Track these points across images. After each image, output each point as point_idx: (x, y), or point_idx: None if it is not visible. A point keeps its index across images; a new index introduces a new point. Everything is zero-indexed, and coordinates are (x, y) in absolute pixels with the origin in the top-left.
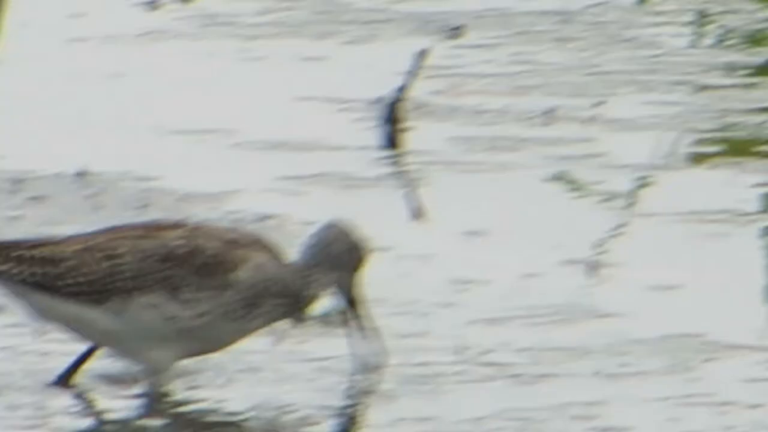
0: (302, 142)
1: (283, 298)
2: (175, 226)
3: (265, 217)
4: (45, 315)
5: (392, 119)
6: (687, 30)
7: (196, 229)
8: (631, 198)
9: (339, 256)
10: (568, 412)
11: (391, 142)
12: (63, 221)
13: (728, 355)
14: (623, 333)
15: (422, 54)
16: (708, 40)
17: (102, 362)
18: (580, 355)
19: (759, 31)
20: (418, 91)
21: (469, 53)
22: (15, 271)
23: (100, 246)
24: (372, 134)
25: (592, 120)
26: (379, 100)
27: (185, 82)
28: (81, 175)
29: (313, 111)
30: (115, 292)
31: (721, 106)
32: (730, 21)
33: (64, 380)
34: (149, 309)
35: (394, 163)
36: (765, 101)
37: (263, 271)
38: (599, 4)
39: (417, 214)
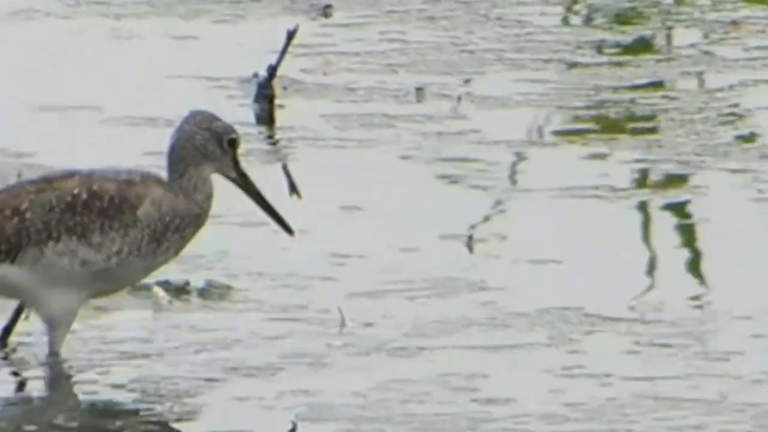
0: (173, 119)
1: (185, 227)
2: (69, 175)
3: None
4: None
5: (265, 97)
6: (555, 9)
7: (90, 176)
8: (507, 174)
9: (206, 146)
10: (451, 383)
11: (265, 119)
12: None
13: (607, 327)
14: (503, 306)
15: (292, 32)
16: (577, 19)
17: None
18: (461, 328)
19: (627, 9)
20: (289, 69)
21: (339, 32)
22: None
23: (3, 205)
24: (245, 111)
25: (463, 98)
26: (252, 78)
27: (56, 60)
28: None
29: (184, 89)
30: (27, 246)
31: (592, 84)
32: (597, 0)
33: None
34: (63, 256)
35: (268, 140)
36: (634, 79)
37: (162, 204)
38: None
39: (292, 189)
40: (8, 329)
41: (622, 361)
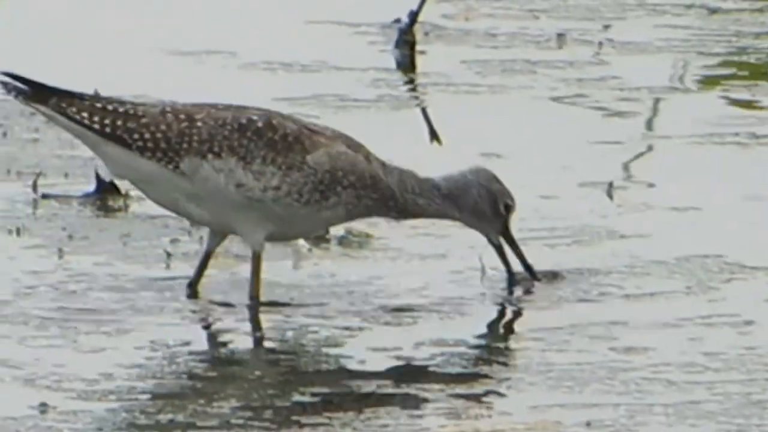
0: (312, 65)
1: (365, 192)
2: (259, 108)
3: None
4: (120, 169)
5: (406, 42)
6: None
7: (278, 113)
8: (647, 121)
9: (478, 203)
10: (589, 332)
11: (406, 65)
12: (80, 143)
13: (748, 275)
14: (642, 254)
15: None
16: None
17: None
18: (600, 276)
19: None
20: (431, 14)
21: None
22: (93, 120)
23: (180, 110)
24: (386, 57)
25: (604, 43)
26: (393, 24)
27: (197, 5)
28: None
29: (325, 34)
30: (187, 153)
31: (733, 30)
32: None
33: (192, 287)
34: (219, 173)
35: (409, 86)
36: None
37: (337, 159)
38: None
39: (433, 135)
40: (197, 278)
41: (762, 309)
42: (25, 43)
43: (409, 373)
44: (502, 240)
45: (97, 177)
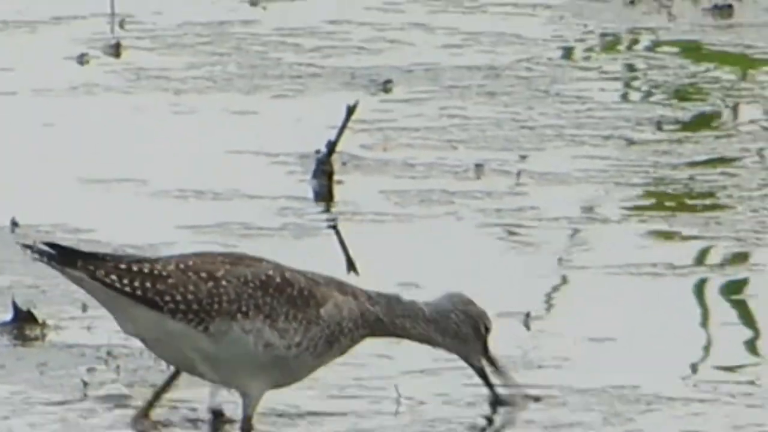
0: (229, 192)
1: (359, 332)
2: (259, 259)
3: None
4: (142, 330)
5: (324, 172)
6: (615, 85)
7: (280, 265)
8: (565, 251)
9: (459, 327)
10: None
11: (323, 194)
12: None
13: (664, 406)
14: (560, 384)
15: (352, 108)
16: (636, 95)
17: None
18: (518, 406)
19: (686, 85)
20: (349, 145)
21: (399, 107)
22: (124, 283)
23: (198, 267)
24: (304, 187)
25: (521, 174)
26: (311, 154)
27: (116, 134)
28: (14, 226)
29: (244, 164)
30: (218, 314)
31: (651, 161)
32: (657, 76)
33: (144, 413)
34: (249, 334)
35: (326, 216)
36: (694, 156)
37: (342, 309)
38: (527, 59)
39: (350, 266)
40: (158, 395)
41: None
42: None
43: None
44: (484, 362)
45: (14, 306)
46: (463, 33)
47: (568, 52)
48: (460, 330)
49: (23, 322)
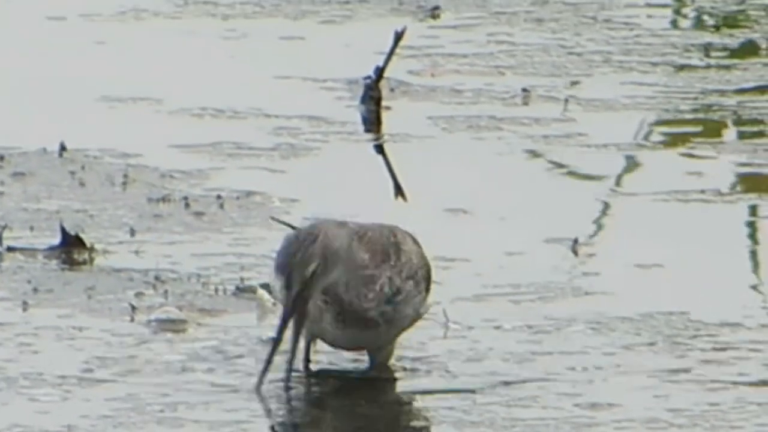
0: (284, 120)
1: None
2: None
3: (249, 194)
4: None
5: (372, 98)
6: (664, 11)
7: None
8: (613, 177)
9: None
10: (555, 388)
11: (371, 120)
12: (45, 197)
13: (713, 332)
14: (607, 311)
15: (400, 34)
16: (685, 22)
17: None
18: (565, 332)
19: (735, 12)
20: (397, 70)
21: (447, 33)
22: None
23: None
24: (352, 113)
25: (570, 100)
26: (359, 80)
27: (164, 59)
28: (63, 151)
29: (292, 89)
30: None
31: (699, 87)
32: (706, 2)
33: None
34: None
35: (374, 142)
36: (742, 83)
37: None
38: None
39: (398, 191)
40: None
41: (727, 366)
42: None
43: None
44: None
45: (63, 230)
46: None
47: None
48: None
49: (71, 246)
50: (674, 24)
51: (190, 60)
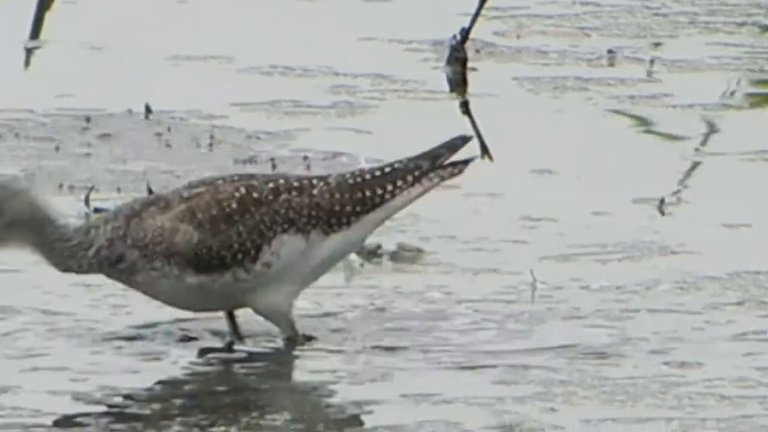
0: (369, 82)
1: None
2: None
3: (335, 154)
4: None
5: (457, 59)
6: None
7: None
8: (699, 137)
9: None
10: (642, 347)
11: (457, 81)
12: (132, 158)
13: None
14: (694, 270)
15: None
16: None
17: None
18: (652, 292)
19: None
20: (482, 32)
21: None
22: None
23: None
24: (437, 74)
25: (654, 61)
26: (445, 41)
27: (249, 21)
28: (148, 113)
29: (377, 51)
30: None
31: None
32: None
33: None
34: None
35: (460, 103)
36: None
37: None
38: None
39: (484, 152)
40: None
41: None
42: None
43: (458, 385)
44: None
45: (149, 191)
46: None
47: None
48: None
49: None
50: None
51: (275, 24)
